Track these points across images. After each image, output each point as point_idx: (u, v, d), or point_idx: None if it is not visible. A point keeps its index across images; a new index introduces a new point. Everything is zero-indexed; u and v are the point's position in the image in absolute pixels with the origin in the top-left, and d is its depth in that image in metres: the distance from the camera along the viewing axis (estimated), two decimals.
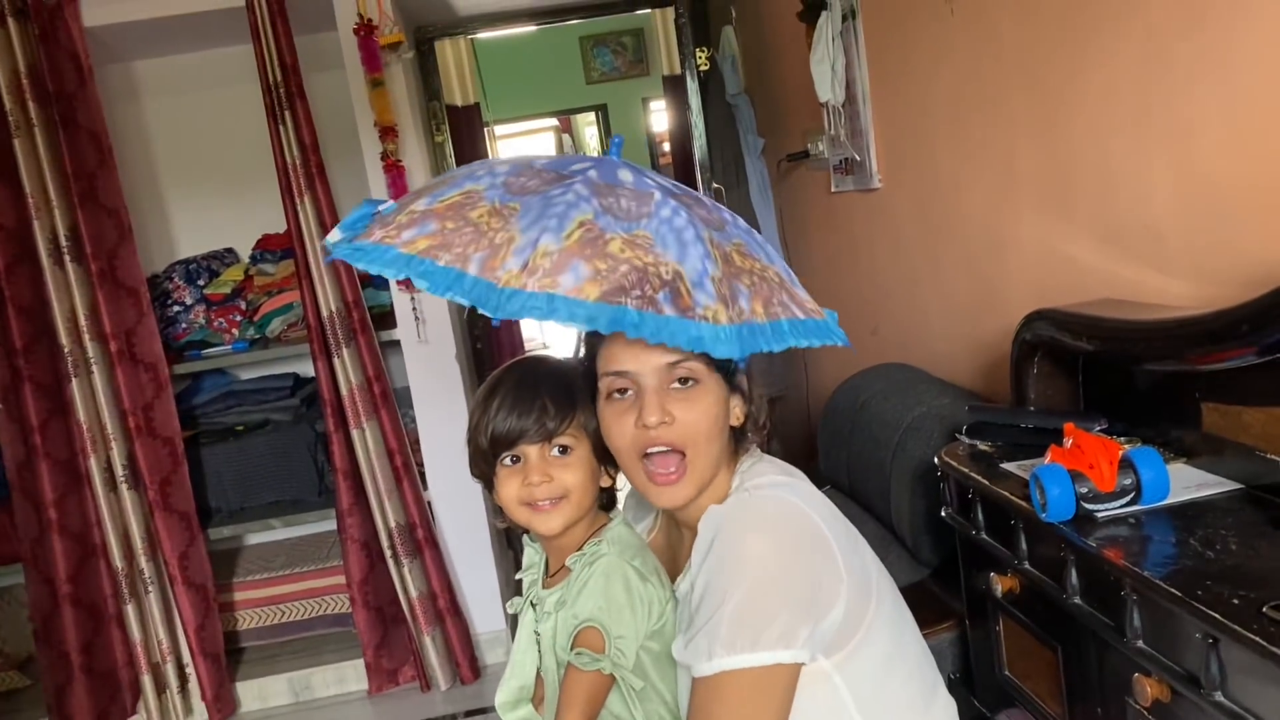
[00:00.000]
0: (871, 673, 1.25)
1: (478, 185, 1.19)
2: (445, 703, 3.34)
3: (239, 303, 3.60)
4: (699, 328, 1.06)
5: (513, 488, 1.33)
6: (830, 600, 1.19)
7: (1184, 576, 1.23)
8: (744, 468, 1.31)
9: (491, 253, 1.10)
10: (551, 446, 1.32)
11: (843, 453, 2.65)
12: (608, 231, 1.11)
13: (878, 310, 3.05)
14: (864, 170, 2.92)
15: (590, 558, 1.33)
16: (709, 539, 1.22)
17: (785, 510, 1.23)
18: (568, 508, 1.33)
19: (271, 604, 3.64)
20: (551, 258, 1.07)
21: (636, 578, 1.30)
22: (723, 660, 1.14)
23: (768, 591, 1.16)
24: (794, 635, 1.15)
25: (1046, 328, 1.77)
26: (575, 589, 1.32)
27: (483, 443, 1.33)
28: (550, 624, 1.37)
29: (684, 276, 1.08)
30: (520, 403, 1.31)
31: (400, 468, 3.29)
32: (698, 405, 1.24)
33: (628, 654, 1.28)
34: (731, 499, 1.25)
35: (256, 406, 3.69)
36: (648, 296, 1.06)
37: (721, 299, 1.09)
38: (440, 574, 3.36)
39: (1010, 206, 2.19)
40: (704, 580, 1.20)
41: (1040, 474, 1.46)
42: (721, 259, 1.14)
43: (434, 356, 3.37)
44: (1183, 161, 1.64)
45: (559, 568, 1.40)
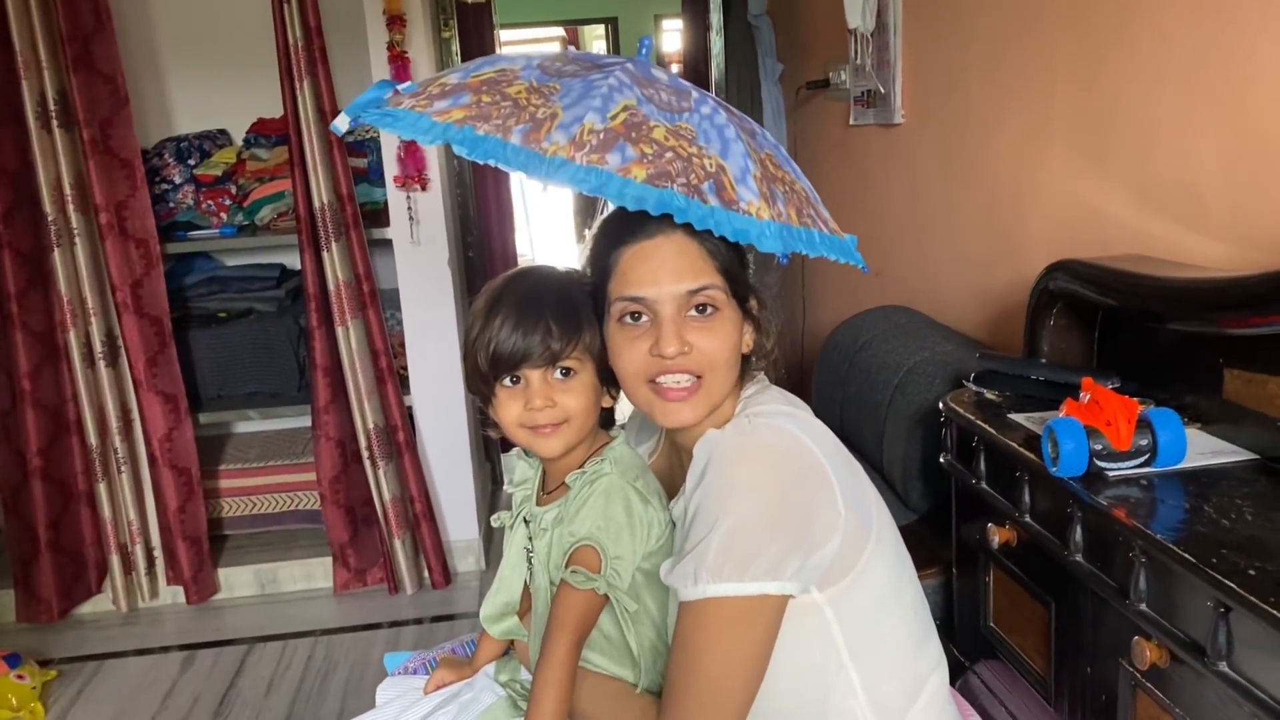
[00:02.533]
0: (864, 611, 1.23)
1: (512, 65, 1.15)
2: (412, 606, 3.34)
3: (229, 186, 3.52)
4: (744, 220, 1.03)
5: (513, 410, 1.27)
6: (825, 535, 1.16)
7: (1198, 543, 1.19)
8: (748, 394, 1.26)
9: (534, 126, 1.06)
10: (555, 369, 1.26)
11: (837, 392, 2.61)
12: (651, 119, 1.07)
13: (886, 251, 2.99)
14: (887, 104, 2.83)
15: (591, 476, 1.28)
16: (703, 463, 1.18)
17: (784, 440, 1.18)
18: (569, 431, 1.28)
19: (244, 495, 3.62)
20: (598, 135, 1.04)
21: (638, 499, 1.26)
22: (707, 586, 1.11)
23: (758, 521, 1.12)
24: (782, 567, 1.12)
25: (1070, 279, 1.72)
26: (574, 507, 1.27)
27: (482, 362, 1.26)
28: (545, 541, 1.33)
29: (727, 171, 1.06)
30: (524, 322, 1.24)
31: (384, 369, 3.24)
32: (716, 333, 1.19)
33: (623, 575, 1.24)
34: (731, 425, 1.21)
35: (241, 295, 3.63)
36: (692, 185, 1.02)
37: (763, 196, 1.06)
38: (418, 478, 3.34)
39: (1039, 153, 2.12)
40: (695, 504, 1.16)
41: (1055, 426, 1.42)
42: (759, 161, 1.12)
43: (426, 259, 3.30)
44: (1234, 118, 1.57)
45: (557, 485, 1.35)
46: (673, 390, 1.20)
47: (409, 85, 1.20)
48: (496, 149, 1.05)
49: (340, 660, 3.05)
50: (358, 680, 2.93)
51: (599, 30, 9.24)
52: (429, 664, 1.58)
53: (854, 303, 2.88)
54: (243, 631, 3.23)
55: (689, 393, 1.20)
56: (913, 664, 1.29)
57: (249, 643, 3.16)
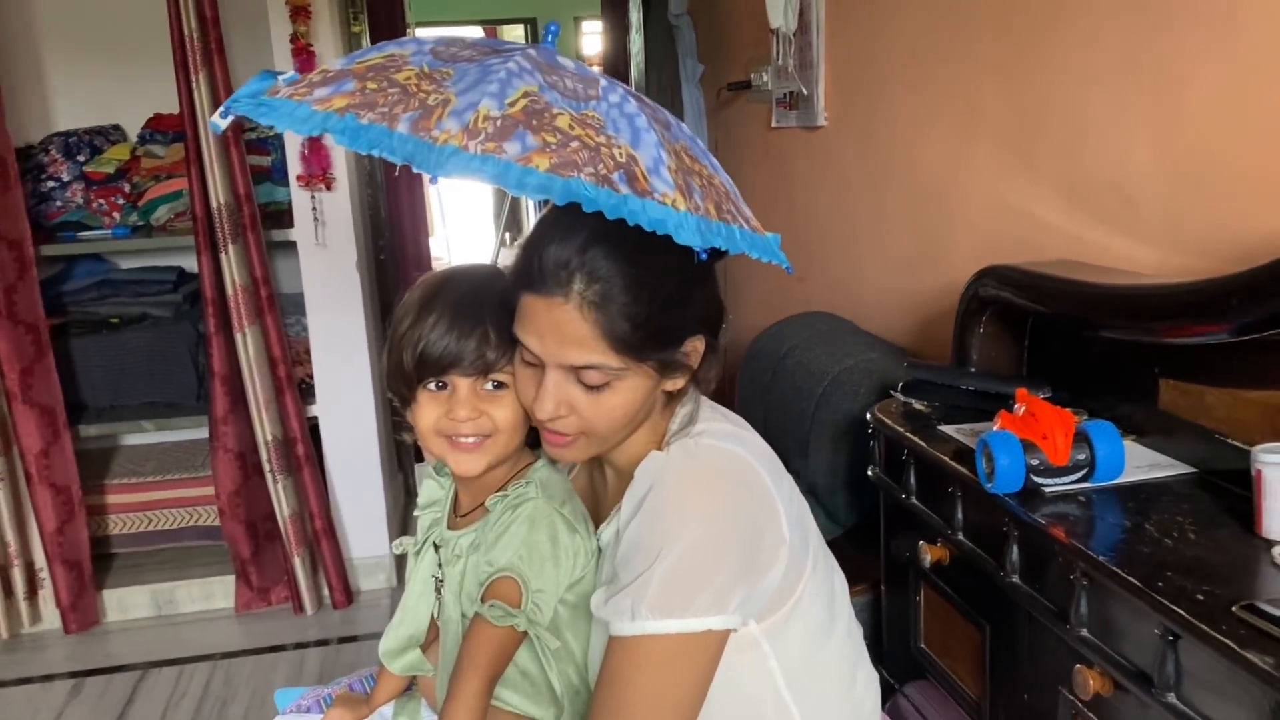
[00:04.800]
0: (802, 641, 1.16)
1: (402, 50, 1.04)
2: (318, 627, 3.19)
3: (122, 185, 3.33)
4: (660, 209, 0.93)
5: (432, 415, 1.16)
6: (769, 562, 1.09)
7: (1142, 565, 1.13)
8: (683, 411, 1.17)
9: (424, 113, 0.95)
10: (486, 380, 1.15)
11: (761, 400, 2.54)
12: (555, 106, 0.97)
13: (810, 256, 2.92)
14: (810, 106, 2.77)
15: (514, 500, 1.17)
16: (645, 488, 1.09)
17: (732, 465, 1.10)
18: (493, 448, 1.17)
19: (138, 510, 3.41)
20: (495, 123, 0.93)
21: (564, 526, 1.15)
22: (646, 623, 1.02)
23: (706, 553, 1.04)
24: (728, 599, 1.04)
25: (999, 285, 1.66)
26: (494, 533, 1.16)
27: (408, 361, 1.14)
28: (458, 568, 1.21)
29: (639, 161, 0.96)
30: (460, 324, 1.13)
31: (283, 379, 3.08)
32: (606, 403, 1.08)
33: (545, 609, 1.13)
34: (675, 446, 1.11)
35: (135, 299, 3.42)
36: (601, 175, 0.92)
37: (679, 188, 0.96)
38: (318, 493, 3.18)
39: (966, 156, 2.06)
40: (635, 533, 1.07)
41: (990, 440, 1.34)
42: (673, 153, 1.02)
43: (332, 262, 3.14)
44: (1167, 119, 1.52)
45: (473, 507, 1.23)
46: (551, 435, 1.12)
47: (290, 75, 1.08)
48: (381, 138, 0.93)
49: (240, 687, 2.88)
50: (258, 708, 2.77)
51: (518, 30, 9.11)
52: (324, 701, 1.45)
53: (778, 308, 2.80)
54: (136, 657, 3.04)
55: (571, 440, 1.11)
56: (850, 692, 1.24)
57: (142, 669, 2.98)
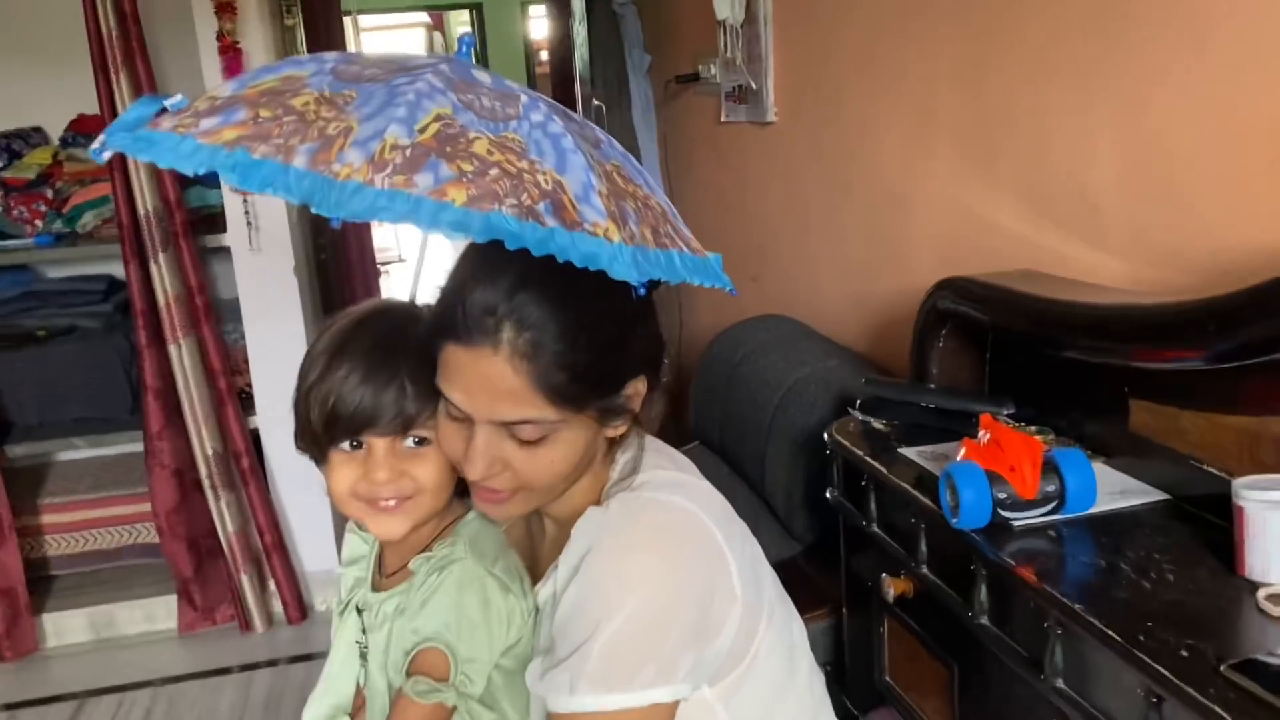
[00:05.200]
0: (758, 701, 1.08)
1: (300, 71, 0.94)
2: (267, 646, 3.07)
3: (45, 190, 3.22)
4: (592, 242, 0.83)
5: (348, 479, 1.04)
6: (719, 624, 1.00)
7: (1121, 615, 1.05)
8: (624, 458, 1.07)
9: (324, 144, 0.84)
10: (406, 437, 1.03)
11: (716, 409, 2.45)
12: (471, 129, 0.86)
13: (763, 256, 2.83)
14: (759, 101, 2.68)
15: (440, 561, 1.06)
16: (582, 550, 0.99)
17: (678, 521, 1.01)
18: (417, 509, 1.06)
19: (73, 530, 3.28)
20: (403, 152, 0.83)
21: (497, 590, 1.05)
22: (585, 698, 0.94)
23: (650, 621, 0.95)
24: (675, 668, 0.96)
25: (959, 299, 1.58)
26: (419, 598, 1.05)
27: (315, 420, 1.02)
28: (383, 634, 1.10)
29: (566, 188, 0.86)
30: (374, 376, 1.01)
31: (223, 390, 2.97)
32: (543, 458, 0.98)
33: (477, 680, 1.03)
34: (615, 502, 1.02)
35: (63, 310, 3.30)
36: (525, 206, 0.82)
37: (612, 216, 0.86)
38: (265, 507, 3.07)
39: (923, 157, 1.98)
40: (572, 600, 0.98)
41: (954, 473, 1.26)
42: (604, 175, 0.92)
43: (269, 267, 3.02)
44: (1132, 123, 1.44)
45: (399, 566, 1.13)
46: (484, 491, 1.02)
47: (178, 101, 0.97)
48: (275, 175, 0.83)
49: (184, 713, 2.77)
50: None
51: (464, 15, 8.91)
52: None
53: (733, 310, 2.71)
54: (72, 685, 2.91)
55: (506, 497, 1.01)
56: None
57: (79, 698, 2.86)
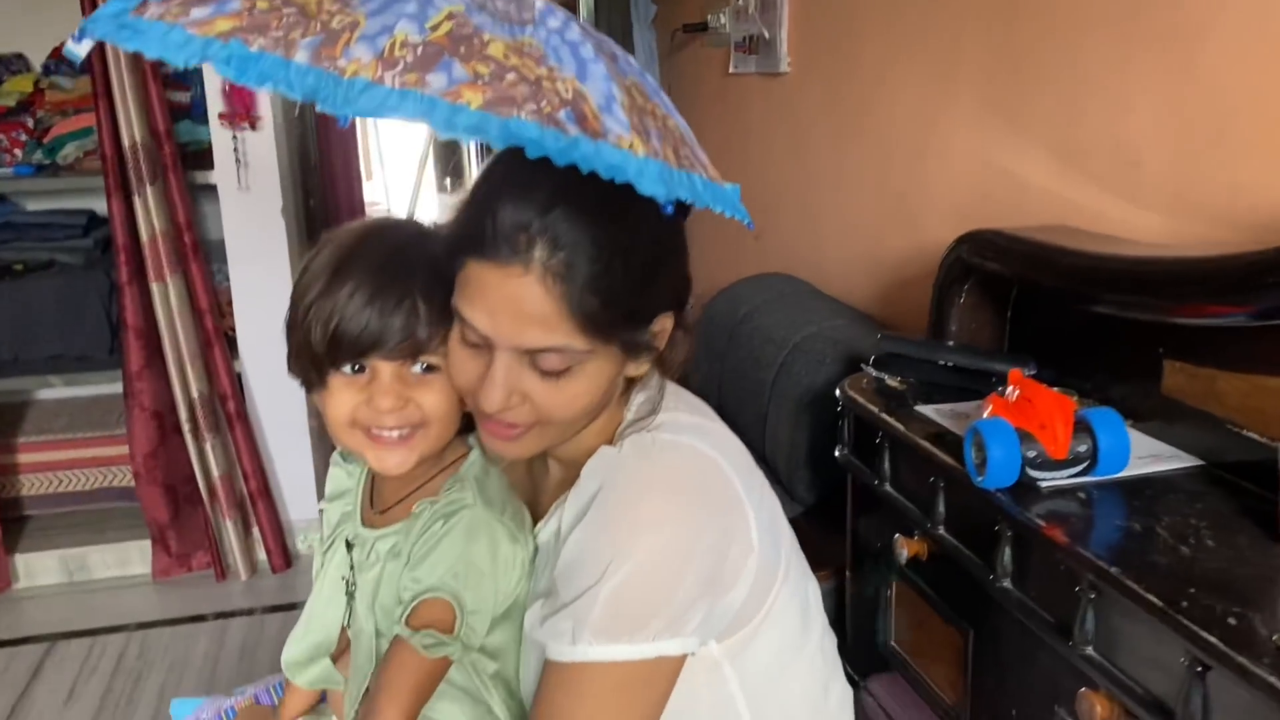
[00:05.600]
0: (768, 661, 1.02)
1: None
2: (243, 595, 3.01)
3: (26, 119, 3.15)
4: (618, 154, 0.77)
5: (348, 405, 0.97)
6: (734, 576, 0.94)
7: (1161, 579, 0.99)
8: (638, 400, 1.01)
9: (328, 39, 0.77)
10: (414, 363, 0.96)
11: (716, 366, 2.38)
12: (485, 31, 0.79)
13: (767, 213, 2.76)
14: (771, 50, 2.59)
15: (448, 507, 0.99)
16: (592, 490, 0.93)
17: (696, 465, 0.94)
18: (422, 441, 0.99)
19: (48, 470, 3.23)
20: (414, 50, 0.76)
21: (506, 538, 0.98)
22: (589, 648, 0.88)
23: (662, 568, 0.89)
24: (685, 620, 0.90)
25: (985, 252, 1.51)
26: (423, 544, 0.98)
27: (317, 340, 0.94)
28: (374, 574, 1.04)
29: (588, 98, 0.79)
30: (382, 295, 0.93)
31: (210, 331, 2.90)
32: (566, 391, 0.92)
33: (479, 631, 0.97)
34: (629, 442, 0.95)
35: (41, 244, 3.23)
36: (545, 114, 0.76)
37: (635, 130, 0.80)
38: (251, 452, 3.01)
39: (944, 109, 1.90)
40: (579, 542, 0.92)
41: (982, 429, 1.20)
42: (625, 89, 0.85)
43: (256, 207, 2.93)
44: (1178, 71, 1.37)
45: (395, 502, 1.06)
46: (497, 427, 0.94)
47: None
48: (276, 69, 0.75)
49: (156, 660, 2.71)
50: (175, 684, 2.60)
51: None
52: (225, 714, 1.29)
53: (732, 268, 2.64)
54: (43, 627, 2.85)
55: (519, 433, 0.94)
56: (822, 710, 1.10)
57: (50, 640, 2.79)
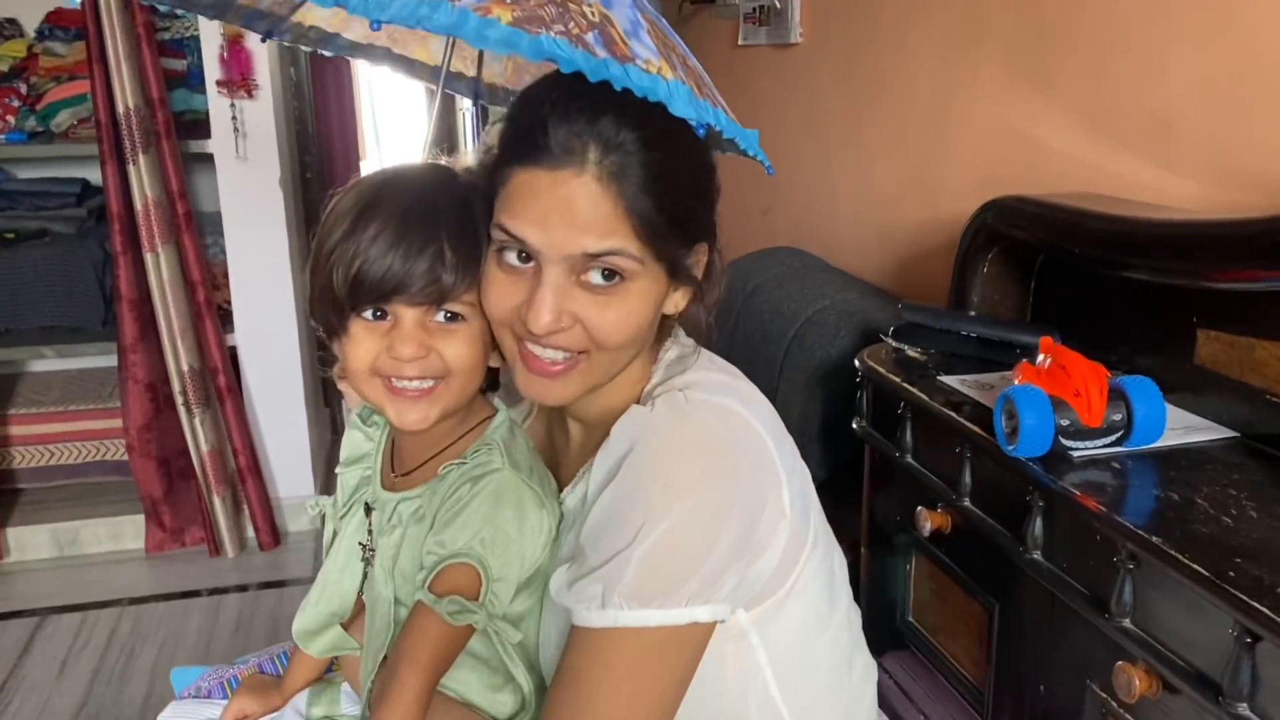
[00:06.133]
0: (795, 631, 0.98)
1: None
2: (236, 571, 2.97)
3: (18, 85, 3.05)
4: (648, 76, 0.78)
5: (368, 350, 0.92)
6: (766, 541, 0.91)
7: (1204, 549, 0.95)
8: (668, 357, 0.96)
9: None
10: (438, 310, 0.92)
11: (724, 341, 2.34)
12: None
13: (775, 186, 2.71)
14: (783, 20, 2.54)
15: (475, 469, 0.95)
16: (623, 450, 0.88)
17: (729, 424, 0.90)
18: (444, 395, 0.94)
19: (40, 443, 3.16)
20: None
21: (534, 503, 0.94)
22: (620, 613, 0.84)
23: (696, 530, 0.85)
24: (718, 585, 0.86)
25: (1011, 218, 1.47)
26: (449, 508, 0.94)
27: (339, 283, 0.90)
28: (394, 538, 1.00)
29: (614, 22, 0.80)
30: (407, 238, 0.89)
31: (202, 303, 2.84)
32: (617, 309, 0.87)
33: (503, 598, 0.93)
34: (660, 401, 0.90)
35: (33, 212, 3.15)
36: (573, 34, 0.77)
37: (664, 57, 0.81)
38: (241, 428, 2.95)
39: (966, 77, 1.86)
40: (609, 503, 0.87)
41: (1014, 396, 1.16)
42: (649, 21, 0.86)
43: (253, 177, 2.87)
44: (1216, 30, 1.33)
45: (417, 464, 1.02)
46: (540, 364, 0.90)
47: None
48: None
49: (149, 634, 2.66)
50: (168, 659, 2.55)
51: None
52: (228, 684, 1.24)
53: (740, 242, 2.60)
54: (35, 601, 2.80)
55: (566, 367, 0.90)
56: (846, 683, 1.07)
57: (41, 614, 2.75)
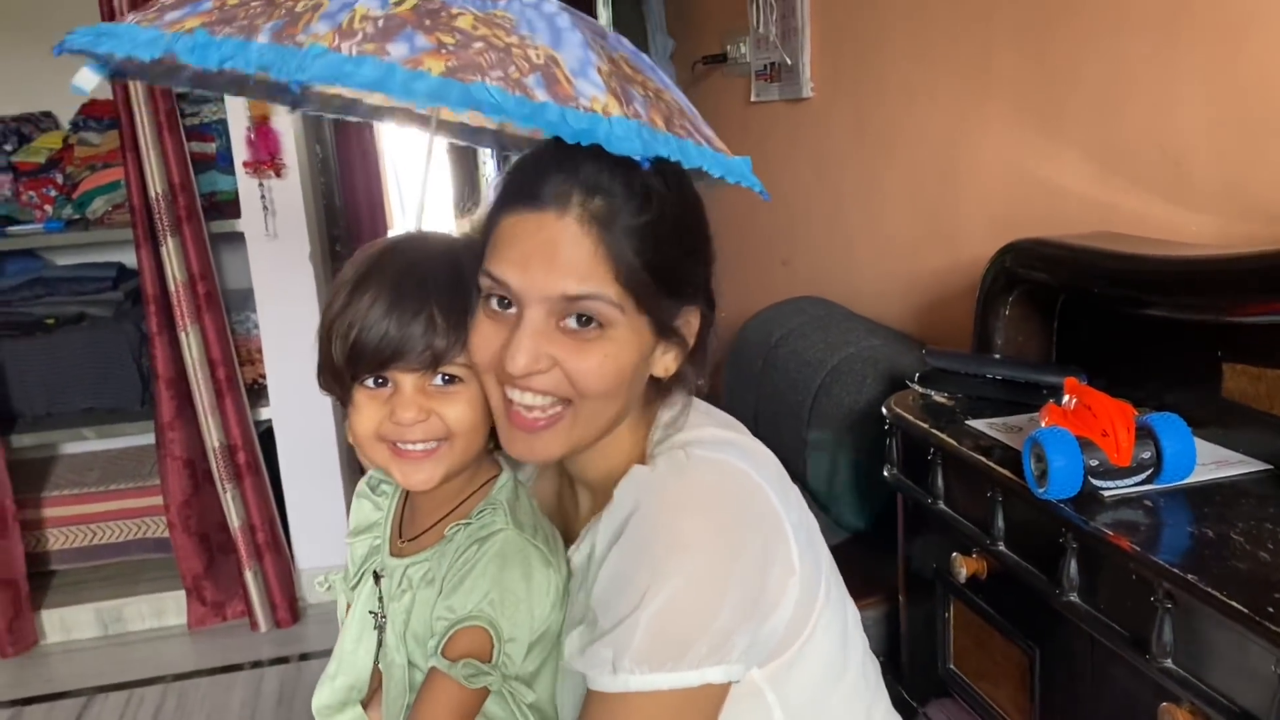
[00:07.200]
0: (810, 687, 0.98)
1: None
2: (278, 643, 2.98)
3: (55, 175, 3.13)
4: (585, 117, 0.79)
5: (372, 418, 0.95)
6: (776, 598, 0.90)
7: (1244, 586, 0.95)
8: (665, 418, 0.97)
9: (290, 20, 0.80)
10: (435, 374, 0.94)
11: (751, 394, 2.35)
12: (454, 4, 0.82)
13: (793, 238, 2.74)
14: (794, 76, 2.58)
15: (480, 530, 0.96)
16: (626, 512, 0.89)
17: (734, 481, 0.90)
18: (448, 455, 0.96)
19: (82, 523, 3.20)
20: (375, 23, 0.80)
21: (540, 563, 0.95)
22: (630, 678, 0.84)
23: (703, 590, 0.85)
24: (729, 646, 0.85)
25: (1030, 261, 1.48)
26: (456, 571, 0.95)
27: (338, 353, 0.94)
28: (404, 603, 1.01)
29: (560, 63, 0.81)
30: (399, 306, 0.92)
31: (222, 381, 2.87)
32: (595, 354, 0.88)
33: (516, 659, 0.94)
34: (662, 460, 0.91)
35: (72, 298, 3.20)
36: (512, 79, 0.78)
37: (613, 93, 0.81)
38: (261, 504, 2.97)
39: (977, 123, 1.88)
40: (615, 567, 0.88)
41: (1042, 439, 1.17)
42: (607, 58, 0.86)
43: (283, 253, 2.93)
44: (1223, 67, 1.35)
45: (424, 529, 1.03)
46: (524, 418, 0.91)
47: None
48: (235, 51, 0.79)
49: (194, 710, 2.68)
50: None
51: None
52: None
53: (762, 294, 2.62)
54: (80, 681, 2.82)
55: (549, 421, 0.90)
56: None
57: (87, 694, 2.77)
